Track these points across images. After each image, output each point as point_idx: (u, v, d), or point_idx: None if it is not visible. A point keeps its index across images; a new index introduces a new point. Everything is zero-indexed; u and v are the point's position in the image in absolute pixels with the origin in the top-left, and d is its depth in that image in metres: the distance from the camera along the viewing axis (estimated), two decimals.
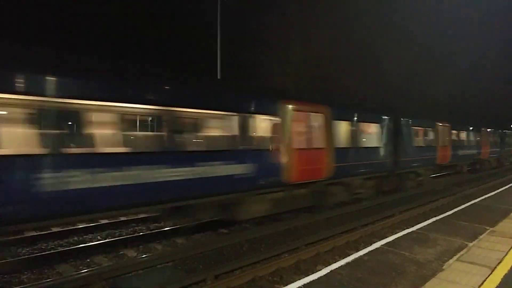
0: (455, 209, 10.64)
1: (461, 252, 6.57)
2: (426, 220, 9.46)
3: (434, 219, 9.40)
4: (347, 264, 6.08)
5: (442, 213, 10.18)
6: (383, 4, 32.84)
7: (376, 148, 13.50)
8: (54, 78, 5.70)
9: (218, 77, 22.46)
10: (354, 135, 12.21)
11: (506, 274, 5.47)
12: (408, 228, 8.62)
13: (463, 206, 11.15)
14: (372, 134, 13.47)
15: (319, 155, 10.58)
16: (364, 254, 6.58)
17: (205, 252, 7.72)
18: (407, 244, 7.17)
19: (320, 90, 27.31)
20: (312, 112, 10.47)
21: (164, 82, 7.55)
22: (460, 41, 40.64)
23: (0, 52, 5.67)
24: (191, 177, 7.29)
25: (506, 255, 6.30)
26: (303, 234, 9.17)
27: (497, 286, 5.07)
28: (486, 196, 13.30)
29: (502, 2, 41.38)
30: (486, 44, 42.73)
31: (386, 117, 14.18)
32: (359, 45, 31.58)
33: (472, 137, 23.04)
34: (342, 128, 11.79)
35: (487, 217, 9.38)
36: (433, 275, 5.55)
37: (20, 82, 5.34)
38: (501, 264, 5.88)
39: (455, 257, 6.29)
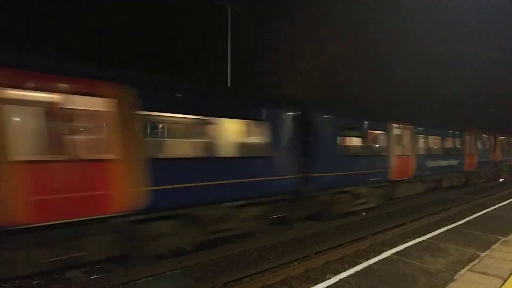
0: (467, 218, 10.47)
1: (473, 262, 6.46)
2: (437, 229, 9.31)
3: (445, 228, 9.25)
4: (357, 273, 6.02)
5: (453, 223, 10.03)
6: (392, 12, 32.86)
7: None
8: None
9: (228, 84, 22.67)
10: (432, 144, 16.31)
11: None
12: (419, 237, 8.51)
13: (475, 215, 10.95)
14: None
15: (408, 160, 14.25)
16: (374, 263, 6.51)
17: (214, 259, 7.73)
18: (418, 253, 7.08)
19: (330, 98, 27.33)
20: (403, 128, 14.23)
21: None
22: (470, 45, 40.34)
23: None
24: None
25: None
26: (313, 242, 9.12)
27: None
28: (499, 205, 13.06)
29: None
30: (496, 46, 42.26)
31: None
32: (369, 52, 31.61)
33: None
34: (420, 139, 15.56)
35: (500, 227, 9.21)
36: (444, 285, 5.47)
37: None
38: None
39: (467, 267, 6.19)
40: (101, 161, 6.16)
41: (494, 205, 13.14)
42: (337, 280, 5.71)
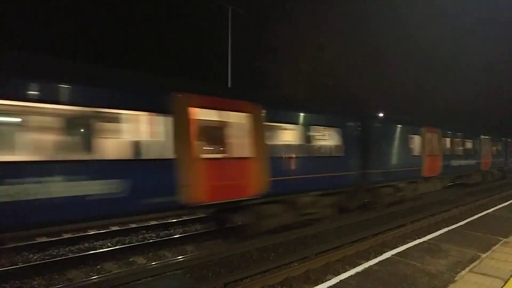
0: (468, 219, 10.46)
1: (474, 263, 6.45)
2: (438, 230, 9.31)
3: (446, 229, 9.24)
4: (357, 273, 6.02)
5: (454, 223, 10.02)
6: (393, 13, 32.87)
7: None
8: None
9: (229, 84, 22.69)
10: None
11: None
12: (419, 238, 8.49)
13: (476, 216, 10.94)
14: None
15: (437, 160, 16.11)
16: (374, 264, 6.50)
17: (214, 260, 7.73)
18: (418, 254, 7.06)
19: (330, 99, 27.35)
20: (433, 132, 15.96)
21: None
22: (470, 46, 40.28)
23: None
24: None
25: None
26: (313, 243, 9.11)
27: None
28: (500, 206, 13.05)
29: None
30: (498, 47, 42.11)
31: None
32: (370, 54, 31.61)
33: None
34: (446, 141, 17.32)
35: (501, 228, 9.20)
36: (445, 286, 5.46)
37: None
38: None
39: (467, 268, 6.18)
40: (246, 158, 8.30)
41: (495, 206, 13.12)
42: (338, 281, 5.70)
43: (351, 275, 5.94)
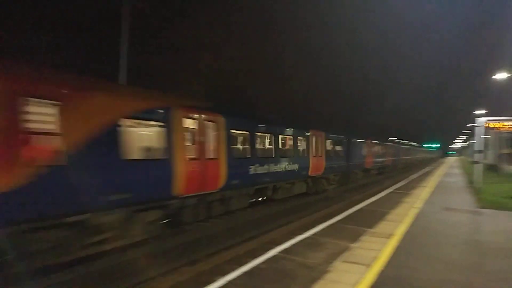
0: (344, 214, 11.76)
1: (346, 254, 7.26)
2: (319, 225, 10.22)
3: (325, 224, 10.22)
4: (244, 273, 6.19)
5: (332, 218, 11.13)
6: (293, 22, 35.19)
7: None
8: None
9: (123, 82, 21.21)
10: None
11: (380, 270, 6.21)
12: (303, 234, 9.19)
13: (350, 211, 12.39)
14: None
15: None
16: (261, 263, 6.79)
17: (94, 271, 7.07)
18: (300, 249, 7.63)
19: (228, 101, 27.84)
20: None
21: None
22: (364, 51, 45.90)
23: None
24: None
25: (380, 253, 7.18)
26: (204, 245, 9.08)
27: (372, 282, 5.71)
28: (370, 201, 15.05)
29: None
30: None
31: None
32: (269, 59, 33.24)
33: None
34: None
35: (368, 220, 10.57)
36: (320, 277, 6.00)
37: None
38: (376, 261, 6.66)
39: (339, 259, 6.92)
40: (213, 159, 10.51)
41: (367, 200, 15.10)
42: (225, 282, 5.77)
43: (239, 275, 6.08)
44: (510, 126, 17.80)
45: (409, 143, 72.04)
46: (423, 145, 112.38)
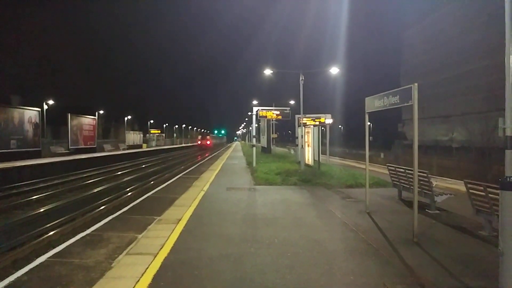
0: (132, 204, 11.26)
1: (131, 246, 6.86)
2: (104, 219, 9.36)
3: (111, 217, 9.45)
4: None
5: (119, 210, 10.46)
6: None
7: None
8: None
9: None
10: None
11: (165, 257, 6.17)
12: (83, 231, 8.15)
13: (139, 200, 11.99)
14: None
15: None
16: (23, 274, 5.50)
17: None
18: (79, 249, 6.69)
19: None
20: None
21: None
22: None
23: None
24: None
25: (167, 240, 7.20)
26: None
27: (157, 270, 5.58)
28: (159, 188, 15.10)
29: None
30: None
31: None
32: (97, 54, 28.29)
33: None
34: None
35: (157, 208, 10.49)
36: (101, 275, 5.40)
37: None
38: (162, 249, 6.61)
39: (124, 252, 6.47)
40: None
41: (158, 187, 15.06)
42: None
43: None
44: (276, 114, 24.79)
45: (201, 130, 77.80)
46: (214, 132, 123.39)
